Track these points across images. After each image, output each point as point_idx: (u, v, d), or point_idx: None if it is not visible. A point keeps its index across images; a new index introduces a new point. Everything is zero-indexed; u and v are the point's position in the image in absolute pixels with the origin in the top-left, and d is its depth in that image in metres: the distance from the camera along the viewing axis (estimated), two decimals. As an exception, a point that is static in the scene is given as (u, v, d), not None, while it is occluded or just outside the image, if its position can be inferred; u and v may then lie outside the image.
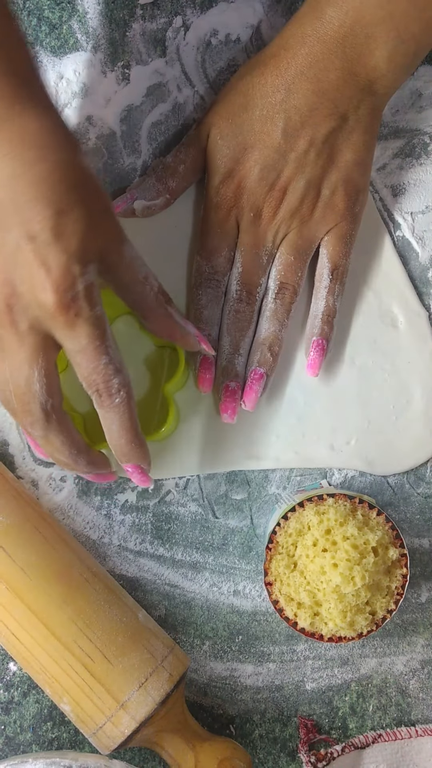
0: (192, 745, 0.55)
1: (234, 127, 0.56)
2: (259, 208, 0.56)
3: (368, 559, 0.53)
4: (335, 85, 0.54)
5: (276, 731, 0.60)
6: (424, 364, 0.61)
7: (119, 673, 0.54)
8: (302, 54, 0.54)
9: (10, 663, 0.59)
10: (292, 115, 0.55)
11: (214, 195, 0.57)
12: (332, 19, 0.53)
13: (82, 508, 0.60)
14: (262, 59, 0.56)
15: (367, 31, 0.53)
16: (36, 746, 0.59)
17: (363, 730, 0.60)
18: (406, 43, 0.53)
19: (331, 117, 0.55)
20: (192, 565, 0.60)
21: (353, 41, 0.53)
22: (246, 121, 0.56)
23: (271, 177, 0.56)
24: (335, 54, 0.54)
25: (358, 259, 0.61)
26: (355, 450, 0.61)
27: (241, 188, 0.56)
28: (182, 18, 0.61)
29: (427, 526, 0.61)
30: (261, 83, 0.55)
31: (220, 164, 0.57)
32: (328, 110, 0.55)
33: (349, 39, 0.53)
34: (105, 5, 0.61)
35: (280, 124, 0.55)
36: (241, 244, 0.57)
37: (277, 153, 0.55)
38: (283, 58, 0.55)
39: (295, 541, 0.55)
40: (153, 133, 0.61)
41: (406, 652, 0.60)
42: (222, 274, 0.58)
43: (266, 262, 0.58)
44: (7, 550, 0.55)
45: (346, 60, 0.54)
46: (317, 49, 0.54)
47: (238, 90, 0.56)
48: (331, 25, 0.53)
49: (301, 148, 0.55)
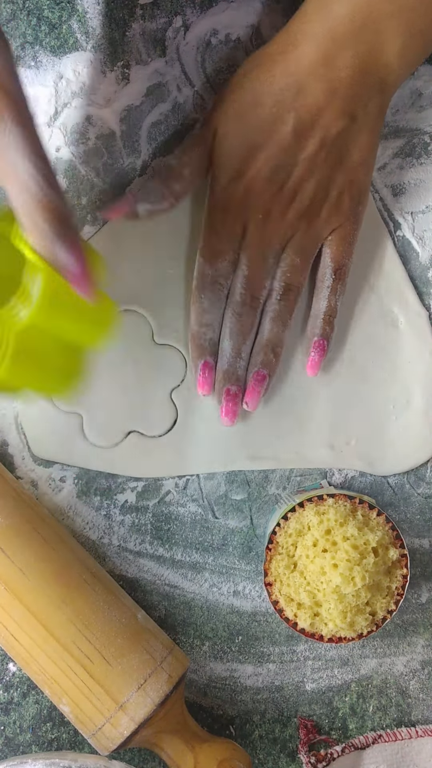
0: (191, 746, 0.55)
1: (242, 125, 0.55)
2: (268, 209, 0.55)
3: (368, 559, 0.53)
4: (346, 83, 0.53)
5: (276, 732, 0.60)
6: (424, 363, 0.61)
7: (118, 674, 0.54)
8: (312, 51, 0.53)
9: (10, 664, 0.59)
10: (302, 115, 0.53)
11: (220, 195, 0.56)
12: (341, 15, 0.52)
13: (82, 509, 0.60)
14: (269, 55, 0.55)
15: (377, 26, 0.52)
16: (35, 747, 0.59)
17: (363, 731, 0.60)
18: (416, 38, 0.52)
19: (342, 117, 0.54)
20: (192, 566, 0.60)
21: (364, 37, 0.52)
22: (255, 120, 0.54)
23: (281, 178, 0.55)
24: (346, 51, 0.52)
25: (359, 259, 0.60)
26: (355, 450, 0.61)
27: (250, 189, 0.55)
28: (182, 18, 0.61)
29: (428, 527, 0.61)
30: (269, 81, 0.54)
31: (227, 164, 0.55)
32: (339, 110, 0.53)
33: (360, 35, 0.52)
34: (105, 5, 0.61)
35: (291, 123, 0.54)
36: (248, 246, 0.56)
37: (287, 153, 0.54)
38: (291, 54, 0.53)
39: (295, 541, 0.55)
40: (153, 133, 0.61)
41: (407, 652, 0.60)
42: (225, 278, 0.57)
43: (272, 265, 0.57)
44: (6, 551, 0.55)
45: (357, 57, 0.52)
46: (327, 46, 0.52)
47: (246, 88, 0.55)
48: (341, 21, 0.52)
49: (312, 149, 0.54)
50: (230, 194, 0.55)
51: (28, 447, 0.60)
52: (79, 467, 0.60)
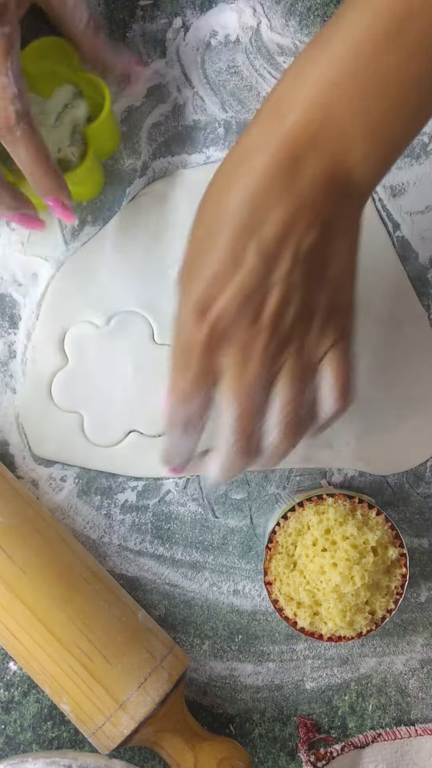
0: (191, 745, 0.55)
1: (201, 257, 0.47)
2: (244, 343, 0.47)
3: (368, 558, 0.53)
4: (311, 192, 0.46)
5: (276, 730, 0.60)
6: (424, 363, 0.61)
7: (118, 673, 0.54)
8: (266, 163, 0.45)
9: (10, 662, 0.59)
10: (266, 233, 0.46)
11: (185, 334, 0.47)
12: (295, 121, 0.45)
13: (82, 508, 0.60)
14: (224, 173, 0.47)
15: (339, 130, 0.45)
16: (36, 746, 0.59)
17: (362, 730, 0.60)
18: (384, 137, 0.46)
19: (314, 227, 0.46)
20: (192, 565, 0.60)
21: (324, 143, 0.45)
22: (213, 249, 0.46)
23: (254, 306, 0.46)
24: (306, 160, 0.45)
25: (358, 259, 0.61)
26: (354, 450, 0.61)
27: (218, 326, 0.46)
28: (182, 19, 0.61)
29: (427, 526, 0.61)
30: (224, 202, 0.46)
31: (188, 300, 0.47)
32: (308, 221, 0.46)
33: (320, 141, 0.45)
34: (105, 5, 0.61)
35: (254, 245, 0.46)
36: (229, 387, 0.48)
37: (256, 279, 0.46)
38: (243, 172, 0.46)
39: (295, 540, 0.55)
40: (153, 133, 0.62)
41: (406, 651, 0.60)
42: (199, 418, 0.49)
43: (263, 400, 0.48)
44: (7, 551, 0.55)
45: (318, 165, 0.45)
46: (283, 156, 0.45)
47: (201, 215, 0.48)
48: (296, 127, 0.45)
49: (285, 267, 0.46)
50: (196, 334, 0.47)
51: (28, 447, 0.60)
52: (79, 467, 0.60)
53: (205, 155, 0.62)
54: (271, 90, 0.46)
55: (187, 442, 0.50)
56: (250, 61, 0.62)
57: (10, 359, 0.61)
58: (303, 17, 0.62)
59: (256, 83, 0.62)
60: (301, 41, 0.62)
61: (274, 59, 0.62)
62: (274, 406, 0.48)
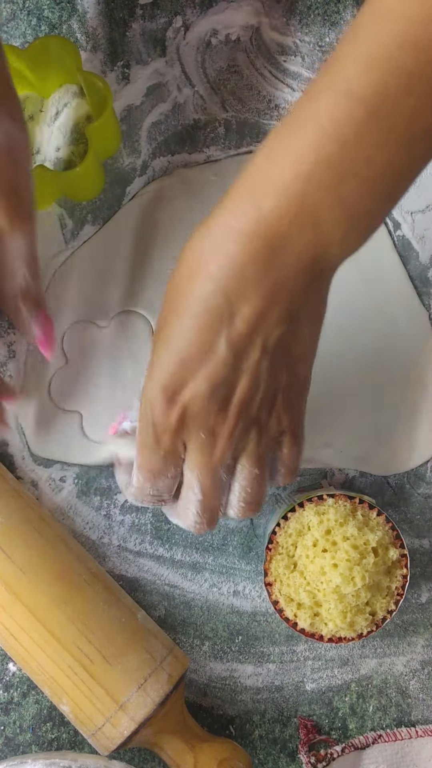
0: (191, 746, 0.55)
1: (174, 327, 0.47)
2: (211, 427, 0.48)
3: (368, 559, 0.53)
4: (283, 283, 0.45)
5: (276, 732, 0.60)
6: (424, 363, 0.61)
7: (118, 674, 0.54)
8: (238, 252, 0.45)
9: (10, 663, 0.59)
10: (237, 325, 0.46)
11: (155, 415, 0.48)
12: (270, 211, 0.44)
13: (82, 509, 0.60)
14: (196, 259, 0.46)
15: (315, 219, 0.44)
16: (36, 747, 0.59)
17: (363, 731, 0.60)
18: (360, 221, 0.45)
19: (283, 321, 0.46)
20: (192, 566, 0.60)
21: (300, 234, 0.44)
22: (184, 329, 0.47)
23: (223, 394, 0.47)
24: (280, 250, 0.45)
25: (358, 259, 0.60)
26: (355, 450, 0.61)
27: (188, 412, 0.48)
28: (182, 18, 0.61)
29: (428, 527, 0.61)
30: (194, 291, 0.46)
31: (159, 377, 0.47)
32: (278, 315, 0.46)
33: (295, 232, 0.44)
34: (105, 5, 0.61)
35: (224, 335, 0.46)
36: (195, 467, 0.49)
37: (225, 368, 0.47)
38: (216, 258, 0.45)
39: (295, 541, 0.55)
40: (153, 133, 0.61)
41: (406, 652, 0.60)
42: (169, 492, 0.51)
43: (226, 480, 0.51)
44: (6, 551, 0.55)
45: (293, 255, 0.45)
46: (256, 247, 0.44)
47: (170, 303, 0.48)
48: (270, 217, 0.44)
49: (253, 358, 0.47)
50: (166, 419, 0.48)
51: (27, 447, 0.60)
52: (79, 467, 0.60)
53: (205, 154, 0.62)
54: (247, 165, 0.45)
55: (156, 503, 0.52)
56: (251, 60, 0.62)
57: (9, 359, 0.61)
58: (303, 16, 0.61)
59: (257, 82, 0.62)
60: (301, 40, 0.61)
61: (275, 58, 0.62)
62: (235, 484, 0.51)
